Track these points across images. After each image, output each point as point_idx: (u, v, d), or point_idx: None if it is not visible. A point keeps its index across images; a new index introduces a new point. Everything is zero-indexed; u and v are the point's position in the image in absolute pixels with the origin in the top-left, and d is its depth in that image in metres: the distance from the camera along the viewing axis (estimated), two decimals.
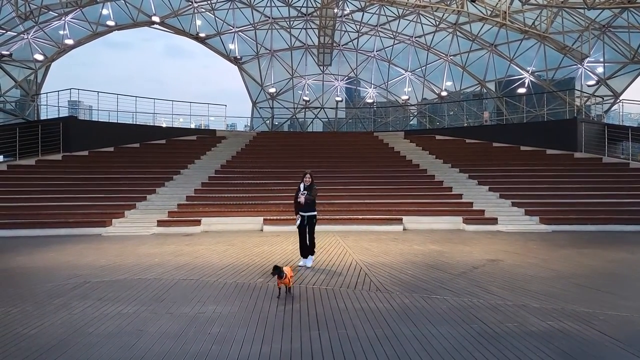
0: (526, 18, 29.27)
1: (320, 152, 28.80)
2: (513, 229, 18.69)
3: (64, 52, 33.32)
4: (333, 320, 6.59)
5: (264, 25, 38.26)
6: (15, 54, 30.22)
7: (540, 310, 7.07)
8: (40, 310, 7.18)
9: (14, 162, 24.62)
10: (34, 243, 15.37)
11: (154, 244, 15.16)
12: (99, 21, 32.54)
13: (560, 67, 32.31)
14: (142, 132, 29.35)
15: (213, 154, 27.99)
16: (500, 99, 35.46)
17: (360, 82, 42.34)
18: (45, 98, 30.84)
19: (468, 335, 5.98)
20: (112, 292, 8.32)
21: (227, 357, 5.25)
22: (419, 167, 26.00)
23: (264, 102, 40.23)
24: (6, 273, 10.45)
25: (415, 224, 19.59)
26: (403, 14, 35.35)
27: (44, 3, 28.42)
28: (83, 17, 31.93)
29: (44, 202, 20.21)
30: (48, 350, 5.45)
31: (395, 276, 9.72)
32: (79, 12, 31.33)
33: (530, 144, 28.02)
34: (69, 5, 29.66)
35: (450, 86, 38.41)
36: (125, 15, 33.05)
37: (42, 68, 32.54)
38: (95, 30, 33.06)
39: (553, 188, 22.24)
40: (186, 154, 27.19)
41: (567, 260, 11.74)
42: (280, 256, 12.29)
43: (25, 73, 31.78)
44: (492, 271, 10.30)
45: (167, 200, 21.40)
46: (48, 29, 31.38)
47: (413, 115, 41.48)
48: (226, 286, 8.82)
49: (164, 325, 6.37)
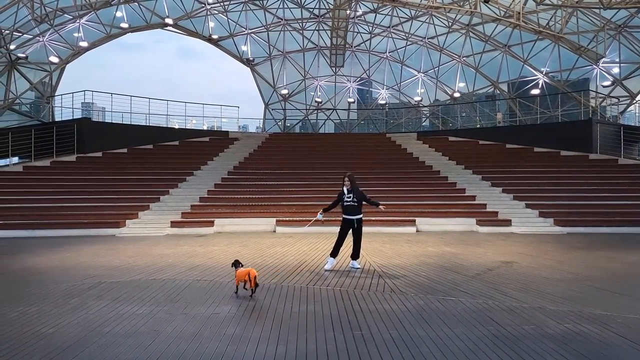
0: (540, 18, 29.03)
1: (332, 153, 28.78)
2: (527, 231, 18.56)
3: (79, 55, 33.61)
4: (348, 322, 6.56)
5: (276, 27, 38.34)
6: (31, 57, 30.55)
7: (557, 312, 7.00)
8: (57, 309, 7.23)
9: (29, 163, 24.88)
10: (49, 243, 15.52)
11: (168, 244, 15.25)
12: (113, 23, 32.78)
13: (575, 68, 32.01)
14: (155, 134, 29.54)
15: (226, 155, 28.09)
16: (513, 100, 35.23)
17: (372, 83, 42.28)
18: (60, 100, 31.17)
19: (484, 337, 5.93)
20: (126, 292, 8.37)
21: (243, 357, 5.24)
22: (431, 169, 25.91)
23: (277, 103, 40.31)
24: (23, 273, 10.55)
25: (428, 226, 19.52)
26: (416, 15, 35.24)
27: (59, 6, 28.73)
28: (97, 19, 32.17)
29: (58, 203, 20.39)
30: (66, 349, 5.48)
31: (409, 278, 9.68)
32: (93, 14, 31.59)
33: (545, 145, 27.79)
34: (84, 7, 29.96)
35: (463, 87, 38.23)
36: (138, 17, 33.28)
37: (57, 70, 32.88)
38: (109, 33, 33.31)
39: (568, 190, 22.07)
40: (199, 156, 27.32)
41: (583, 263, 11.62)
42: (294, 257, 12.30)
43: (41, 75, 32.10)
44: (506, 273, 10.23)
45: (180, 201, 21.51)
46: (63, 32, 31.69)
47: (426, 117, 41.33)
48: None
49: (179, 326, 6.38)
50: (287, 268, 10.84)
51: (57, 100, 31.40)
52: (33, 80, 31.75)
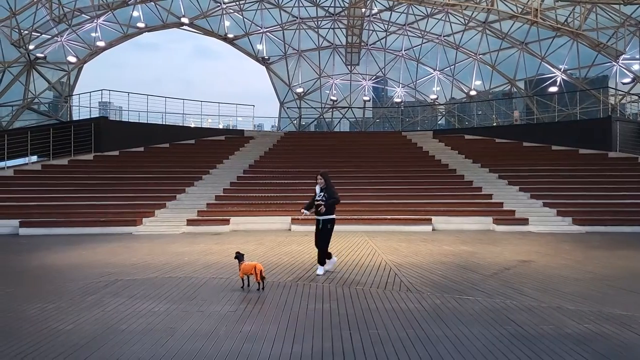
0: (558, 15, 28.69)
1: (347, 151, 28.71)
2: (544, 230, 18.35)
3: (96, 54, 33.97)
4: (364, 320, 6.53)
5: (291, 25, 38.37)
6: (49, 57, 30.92)
7: (576, 312, 6.90)
8: (75, 306, 7.29)
9: (47, 162, 25.17)
10: (67, 241, 15.69)
11: (184, 242, 15.32)
12: (130, 23, 33.06)
13: (594, 65, 31.52)
14: (172, 133, 29.72)
15: (241, 154, 28.18)
16: (530, 98, 34.86)
17: (388, 81, 42.11)
18: (78, 99, 31.53)
19: (501, 336, 5.86)
20: (143, 290, 8.41)
21: (259, 355, 5.24)
22: (448, 167, 25.74)
23: (292, 102, 40.33)
24: (41, 270, 10.67)
25: (444, 224, 19.40)
26: (431, 12, 35.04)
27: (76, 6, 29.03)
28: (114, 19, 32.47)
29: (76, 202, 20.60)
30: (83, 346, 5.52)
31: (425, 276, 9.62)
32: (110, 14, 31.88)
33: (562, 143, 27.46)
34: (101, 7, 30.24)
35: (479, 85, 37.93)
36: (155, 17, 33.53)
37: (74, 70, 33.24)
38: (126, 32, 33.60)
39: (586, 188, 21.78)
40: (215, 154, 27.43)
41: (603, 262, 11.46)
42: (309, 255, 12.27)
43: (59, 75, 32.50)
44: (524, 272, 10.11)
45: (196, 199, 21.62)
46: (81, 32, 32.04)
47: (441, 115, 41.09)
48: (256, 285, 8.84)
49: (195, 324, 6.39)
50: (302, 266, 10.83)
51: (75, 100, 31.76)
52: (51, 80, 32.14)
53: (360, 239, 16.02)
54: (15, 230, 18.27)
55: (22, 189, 21.79)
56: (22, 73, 30.11)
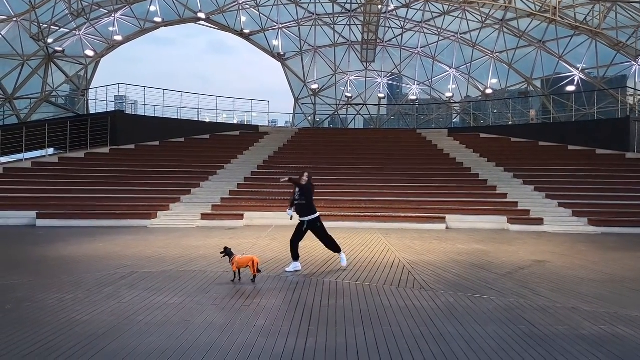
0: (577, 13, 28.35)
1: (362, 148, 28.68)
2: (560, 230, 18.21)
3: (113, 48, 34.24)
4: (377, 317, 6.55)
5: (307, 21, 38.34)
6: (67, 50, 31.26)
7: (592, 313, 6.86)
8: (92, 298, 7.40)
9: (64, 154, 25.45)
10: (83, 233, 15.86)
11: (198, 236, 15.43)
12: (147, 18, 33.27)
13: (613, 64, 31.13)
14: (187, 127, 29.89)
15: (256, 149, 28.25)
16: (547, 97, 34.53)
17: (403, 78, 41.97)
18: (95, 93, 31.79)
19: (515, 336, 5.85)
20: (158, 282, 8.50)
21: (273, 349, 5.28)
22: (462, 166, 25.60)
23: (306, 98, 40.33)
24: (59, 261, 10.81)
25: (458, 223, 19.32)
26: (448, 10, 34.80)
27: (95, 0, 29.27)
28: (132, 13, 32.71)
29: (92, 194, 20.80)
30: (100, 336, 5.60)
31: (439, 275, 9.61)
32: (127, 9, 32.10)
33: (579, 143, 27.16)
34: (119, 2, 30.47)
35: (495, 84, 37.64)
36: (172, 11, 33.69)
37: (92, 64, 33.55)
38: (143, 27, 33.85)
39: (603, 189, 21.53)
40: (230, 149, 27.53)
41: (619, 263, 11.36)
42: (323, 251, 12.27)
43: (76, 69, 32.83)
44: (539, 272, 10.06)
45: (211, 194, 21.73)
46: (98, 26, 32.31)
47: (457, 113, 40.87)
48: (269, 279, 8.90)
49: (209, 317, 6.46)
50: (316, 262, 10.87)
51: (92, 93, 32.05)
52: (69, 74, 32.48)
53: (373, 236, 16.02)
54: (32, 222, 18.49)
55: (40, 180, 22.05)
56: (41, 66, 30.45)
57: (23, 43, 28.68)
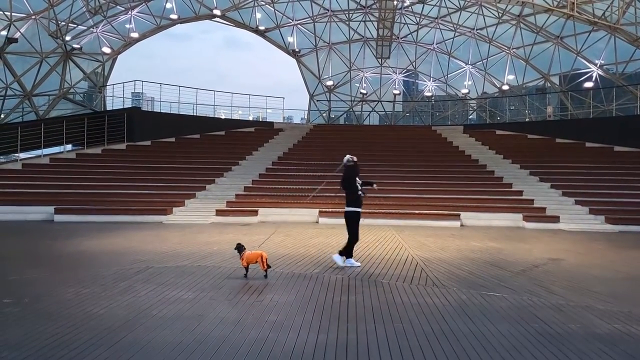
0: (596, 9, 27.98)
1: (377, 145, 28.59)
2: (576, 228, 18.05)
3: (129, 45, 34.51)
4: (389, 314, 6.57)
5: (322, 18, 38.26)
6: (85, 47, 31.57)
7: (606, 312, 6.80)
8: (108, 292, 7.51)
9: (81, 150, 25.76)
10: (100, 228, 16.07)
11: (213, 232, 15.55)
12: (163, 14, 33.48)
13: (632, 60, 30.64)
14: (202, 124, 30.06)
15: (271, 145, 28.34)
16: (565, 94, 34.15)
17: (418, 75, 41.76)
18: (112, 89, 32.11)
19: (528, 334, 5.83)
20: (173, 277, 8.59)
21: (285, 344, 5.33)
22: (478, 163, 25.46)
23: (321, 95, 40.31)
24: (76, 256, 10.98)
25: (473, 220, 19.24)
26: (464, 5, 34.54)
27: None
28: (148, 10, 32.91)
29: (109, 190, 21.05)
30: (116, 329, 5.69)
31: (452, 272, 9.59)
32: (144, 6, 32.34)
33: (597, 140, 26.85)
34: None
35: (512, 80, 37.28)
36: (187, 8, 33.86)
37: (109, 60, 33.86)
38: (159, 24, 34.04)
39: (621, 187, 21.29)
40: (244, 146, 27.64)
41: (635, 262, 11.25)
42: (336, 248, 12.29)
43: (94, 65, 33.17)
44: (553, 270, 10.00)
45: (225, 190, 21.87)
46: (115, 23, 32.57)
47: (473, 110, 40.58)
48: (283, 275, 8.95)
49: (222, 312, 6.52)
50: (329, 258, 10.88)
51: (109, 90, 32.35)
52: (86, 70, 32.83)
53: (387, 232, 16.01)
54: (50, 217, 18.77)
55: (58, 176, 22.36)
56: (59, 63, 30.80)
57: (41, 41, 29.03)
